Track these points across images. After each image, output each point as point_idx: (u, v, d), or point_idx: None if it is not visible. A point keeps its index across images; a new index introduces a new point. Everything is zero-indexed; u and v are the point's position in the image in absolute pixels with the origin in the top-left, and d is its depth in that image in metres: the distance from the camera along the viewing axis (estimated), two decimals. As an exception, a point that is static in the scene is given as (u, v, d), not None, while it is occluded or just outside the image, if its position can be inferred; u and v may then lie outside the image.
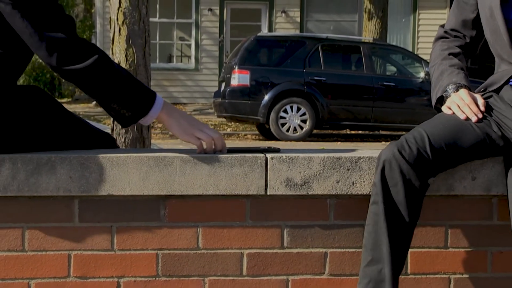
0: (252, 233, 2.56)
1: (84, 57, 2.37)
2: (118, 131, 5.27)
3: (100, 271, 2.52)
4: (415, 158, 2.41)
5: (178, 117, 2.54)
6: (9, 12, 2.34)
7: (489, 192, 2.60)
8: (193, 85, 21.06)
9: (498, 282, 2.64)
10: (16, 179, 2.44)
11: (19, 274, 2.49)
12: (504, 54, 2.59)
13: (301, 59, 15.15)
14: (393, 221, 2.40)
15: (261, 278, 2.58)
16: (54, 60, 2.36)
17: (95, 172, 2.47)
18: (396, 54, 16.45)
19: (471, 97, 2.57)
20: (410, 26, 21.81)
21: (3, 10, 2.34)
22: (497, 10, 2.56)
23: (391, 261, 2.39)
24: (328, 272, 2.60)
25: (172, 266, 2.54)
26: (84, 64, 2.37)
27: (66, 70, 2.39)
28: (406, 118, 14.66)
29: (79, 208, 2.50)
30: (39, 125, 2.54)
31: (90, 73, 2.39)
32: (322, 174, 2.54)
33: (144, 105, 2.46)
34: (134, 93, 2.47)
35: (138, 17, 5.30)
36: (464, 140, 2.50)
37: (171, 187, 2.50)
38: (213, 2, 21.03)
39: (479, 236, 2.64)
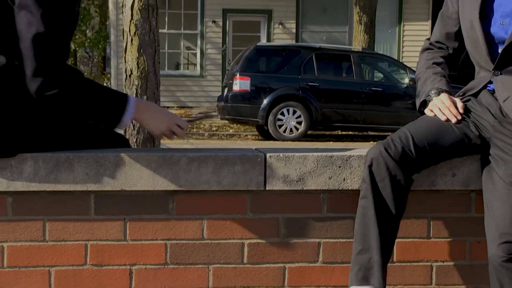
0: (252, 224, 2.56)
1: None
2: (130, 132, 5.28)
3: (114, 259, 2.52)
4: (400, 156, 2.42)
5: (152, 116, 2.60)
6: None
7: (467, 187, 2.60)
8: (199, 90, 21.05)
9: (475, 269, 2.64)
10: (37, 176, 2.44)
11: (40, 262, 2.49)
12: (482, 62, 2.60)
13: (297, 66, 15.16)
14: (381, 214, 2.40)
15: (261, 266, 2.58)
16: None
17: (109, 169, 2.47)
18: (383, 62, 16.45)
19: (451, 101, 2.58)
20: (396, 36, 21.81)
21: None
22: (476, 23, 2.56)
23: (380, 250, 2.39)
24: (322, 260, 2.60)
25: (180, 255, 2.54)
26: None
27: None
28: (392, 120, 14.66)
29: (95, 202, 2.50)
30: (57, 127, 2.54)
31: (61, 100, 2.42)
32: (316, 171, 2.54)
33: (115, 116, 2.48)
34: (105, 108, 2.49)
35: (148, 29, 5.30)
36: (445, 139, 2.50)
37: (179, 183, 2.50)
38: (216, 15, 21.02)
39: (459, 227, 2.64)
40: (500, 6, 2.55)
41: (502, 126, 2.51)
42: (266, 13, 21.25)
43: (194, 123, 17.63)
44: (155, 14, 5.34)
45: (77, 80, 2.44)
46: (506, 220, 2.37)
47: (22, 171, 2.43)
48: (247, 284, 2.57)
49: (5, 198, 2.45)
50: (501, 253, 2.35)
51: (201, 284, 2.56)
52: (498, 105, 2.54)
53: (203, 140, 15.28)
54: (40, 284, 2.49)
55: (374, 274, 2.39)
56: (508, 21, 2.53)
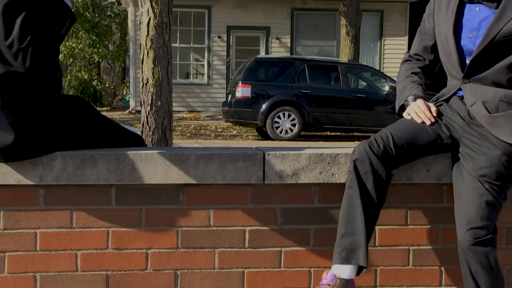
0: (253, 214, 2.56)
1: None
2: (147, 133, 5.28)
3: (132, 244, 2.52)
4: (382, 153, 2.42)
5: None
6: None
7: (440, 181, 2.60)
8: (206, 97, 21.04)
9: (447, 252, 2.64)
10: (66, 171, 2.44)
11: (68, 246, 2.49)
12: (454, 72, 2.60)
13: (291, 76, 15.14)
14: (364, 202, 2.40)
15: (260, 250, 2.57)
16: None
17: (128, 165, 2.47)
18: (366, 72, 16.41)
19: (426, 106, 2.58)
20: (377, 50, 21.79)
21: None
22: (450, 37, 2.56)
23: (363, 233, 2.39)
24: (313, 244, 2.60)
25: (189, 240, 2.54)
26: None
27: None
28: (374, 122, 14.64)
29: (116, 194, 2.49)
30: (83, 128, 2.54)
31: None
32: (308, 167, 2.54)
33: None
34: None
35: (162, 43, 5.30)
36: (420, 139, 2.50)
37: (188, 178, 2.50)
38: (221, 31, 21.00)
39: (432, 216, 2.64)
40: (469, 21, 2.55)
41: (469, 128, 2.51)
42: (264, 30, 21.24)
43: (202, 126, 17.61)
44: (168, 30, 5.34)
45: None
46: (473, 209, 2.37)
47: (52, 167, 2.43)
48: (248, 265, 2.57)
49: (38, 191, 2.45)
50: (468, 238, 2.36)
51: (208, 265, 2.56)
52: (466, 109, 2.53)
53: (210, 140, 15.27)
54: (68, 265, 2.49)
55: (357, 254, 2.38)
56: (475, 34, 2.53)
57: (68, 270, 2.49)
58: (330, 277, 2.38)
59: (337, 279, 2.37)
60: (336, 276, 2.38)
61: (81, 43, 26.18)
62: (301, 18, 21.41)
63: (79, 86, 26.88)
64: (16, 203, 2.45)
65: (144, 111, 5.35)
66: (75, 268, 2.49)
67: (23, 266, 2.46)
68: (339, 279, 2.37)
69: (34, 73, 2.33)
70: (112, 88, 29.56)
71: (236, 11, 20.93)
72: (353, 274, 2.39)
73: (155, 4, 5.27)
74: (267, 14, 21.08)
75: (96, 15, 27.62)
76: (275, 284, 2.59)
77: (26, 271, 2.47)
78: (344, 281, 2.37)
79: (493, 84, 2.51)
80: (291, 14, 21.30)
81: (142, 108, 5.42)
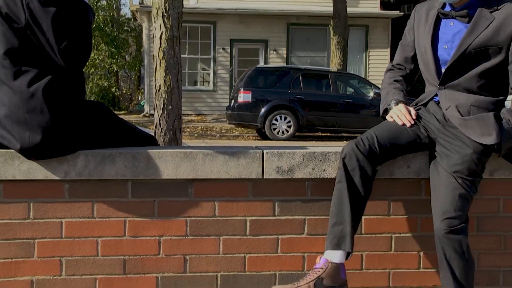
0: (253, 205, 2.56)
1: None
2: (159, 133, 5.28)
3: (146, 232, 2.52)
4: (367, 151, 2.42)
5: None
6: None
7: (418, 176, 2.60)
8: (212, 102, 21.03)
9: (424, 239, 2.63)
10: (87, 168, 2.44)
11: (90, 233, 2.49)
12: (431, 79, 2.59)
13: (287, 83, 15.13)
14: (352, 195, 2.40)
15: (259, 237, 2.57)
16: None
17: (143, 162, 2.47)
18: (353, 79, 16.40)
19: (406, 109, 2.58)
20: (363, 60, 21.78)
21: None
22: (428, 48, 2.57)
23: (351, 223, 2.39)
24: (306, 233, 2.60)
25: (197, 229, 2.54)
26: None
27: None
28: (361, 124, 14.62)
29: (131, 188, 2.49)
30: (103, 129, 2.53)
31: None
32: (302, 164, 2.54)
33: None
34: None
35: (173, 54, 5.30)
36: (401, 139, 2.50)
37: (196, 173, 2.49)
38: (225, 44, 20.99)
39: (412, 207, 2.64)
40: (444, 34, 2.56)
41: (445, 129, 2.51)
42: (263, 42, 21.23)
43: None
44: (178, 43, 5.34)
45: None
46: (447, 201, 2.37)
47: (76, 164, 2.43)
48: (249, 251, 2.57)
49: (63, 185, 2.45)
50: (443, 227, 2.36)
51: (213, 251, 2.55)
52: (442, 112, 2.53)
53: (215, 140, 15.26)
54: (90, 251, 2.49)
55: (345, 241, 2.39)
56: (449, 45, 2.53)
57: (90, 255, 2.49)
58: (323, 262, 2.38)
59: (329, 263, 2.37)
60: (328, 260, 2.38)
61: (102, 54, 26.20)
62: (295, 32, 21.40)
63: (99, 92, 26.89)
64: (44, 195, 2.44)
65: (157, 114, 5.35)
66: (96, 253, 2.49)
67: (50, 251, 2.46)
68: (331, 263, 2.38)
69: (77, 67, 2.36)
70: (128, 94, 29.55)
71: (238, 26, 20.93)
72: (343, 259, 2.40)
73: (166, 20, 5.27)
74: (266, 28, 21.08)
75: (115, 30, 27.66)
76: (273, 268, 2.58)
77: (53, 255, 2.47)
78: (335, 265, 2.38)
79: (465, 91, 2.51)
80: (287, 28, 21.29)
81: (155, 111, 5.42)
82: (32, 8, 2.24)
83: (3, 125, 2.34)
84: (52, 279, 2.47)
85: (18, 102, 2.30)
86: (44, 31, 2.26)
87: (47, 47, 2.29)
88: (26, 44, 2.30)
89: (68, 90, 2.38)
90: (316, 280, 2.35)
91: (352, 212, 2.39)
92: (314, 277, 2.36)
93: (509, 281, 2.69)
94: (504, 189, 2.66)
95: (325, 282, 2.36)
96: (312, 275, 2.38)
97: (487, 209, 2.66)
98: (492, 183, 2.64)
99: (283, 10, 20.86)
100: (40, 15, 2.24)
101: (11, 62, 2.31)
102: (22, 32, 2.29)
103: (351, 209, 2.39)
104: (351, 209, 2.39)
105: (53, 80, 2.33)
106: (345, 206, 2.40)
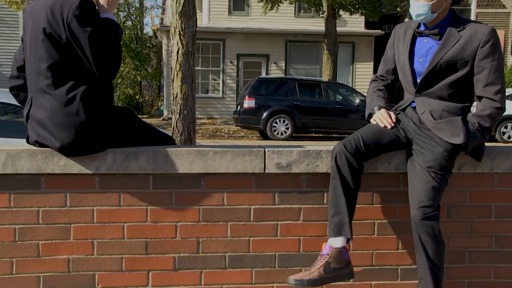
0: (256, 196, 2.55)
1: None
2: (176, 134, 5.26)
3: (165, 218, 2.52)
4: (354, 150, 2.41)
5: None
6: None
7: (398, 171, 2.59)
8: (221, 107, 21.01)
9: (402, 224, 2.62)
10: (115, 163, 2.44)
11: (117, 219, 2.49)
12: (409, 88, 2.59)
13: (285, 91, 15.12)
14: (345, 189, 2.40)
15: (261, 223, 2.57)
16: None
17: (162, 159, 2.47)
18: (342, 88, 16.35)
19: (388, 114, 2.57)
20: (350, 72, 21.74)
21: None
22: (406, 62, 2.56)
23: (347, 212, 2.40)
24: (302, 219, 2.59)
25: (208, 215, 2.54)
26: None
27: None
28: (348, 126, 14.60)
29: (152, 181, 2.49)
30: (128, 131, 2.53)
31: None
32: (298, 160, 2.54)
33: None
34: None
35: (187, 66, 5.29)
36: (383, 139, 2.50)
37: (207, 168, 2.49)
38: (232, 58, 20.98)
39: (392, 197, 2.63)
40: (419, 50, 2.55)
41: (420, 131, 2.50)
42: (265, 56, 21.22)
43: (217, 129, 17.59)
44: (192, 57, 5.33)
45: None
46: (422, 192, 2.36)
47: (105, 160, 2.43)
48: (253, 235, 2.57)
49: (95, 178, 2.45)
50: (418, 214, 2.35)
51: (222, 235, 2.55)
52: (418, 116, 2.53)
53: (224, 139, 15.26)
54: (117, 234, 2.49)
55: (345, 229, 2.39)
56: (424, 59, 2.52)
57: (117, 237, 2.49)
58: (328, 248, 2.40)
59: (333, 249, 2.39)
60: (332, 246, 2.40)
61: (127, 67, 26.23)
62: (293, 48, 21.38)
63: (125, 99, 26.87)
64: (78, 187, 2.45)
65: (174, 118, 5.35)
66: (122, 236, 2.49)
67: (83, 234, 2.47)
68: (335, 248, 2.39)
69: (109, 77, 2.37)
70: (150, 101, 29.52)
71: (244, 43, 20.91)
72: (344, 243, 2.41)
73: (182, 38, 5.26)
74: (267, 45, 21.06)
75: (139, 46, 27.68)
76: (273, 249, 2.58)
77: (86, 238, 2.47)
78: (338, 249, 2.40)
79: (438, 98, 2.51)
80: (285, 45, 21.27)
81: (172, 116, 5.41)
82: (72, 28, 2.27)
83: (45, 126, 2.35)
84: (86, 258, 2.47)
85: (58, 107, 2.31)
86: (82, 47, 2.28)
87: (84, 60, 2.31)
88: (66, 58, 2.32)
89: (99, 98, 2.39)
90: (325, 265, 2.37)
91: (347, 203, 2.40)
92: (323, 263, 2.37)
93: (473, 260, 2.68)
94: (470, 182, 2.65)
95: (332, 265, 2.37)
96: (321, 261, 2.38)
97: (455, 199, 2.65)
98: (460, 176, 2.63)
99: (282, 29, 20.84)
100: (78, 34, 2.27)
101: (53, 74, 2.33)
102: (63, 48, 2.31)
103: (346, 201, 2.39)
104: (346, 201, 2.39)
105: (87, 89, 2.34)
106: (340, 199, 2.40)
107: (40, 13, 2.33)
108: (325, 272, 2.35)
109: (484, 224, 2.67)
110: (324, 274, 2.35)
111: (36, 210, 2.43)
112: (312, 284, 2.34)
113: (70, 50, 2.31)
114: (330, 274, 2.36)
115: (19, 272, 2.44)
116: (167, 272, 2.52)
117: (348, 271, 2.41)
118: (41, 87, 2.35)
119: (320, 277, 2.34)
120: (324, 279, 2.36)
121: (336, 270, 2.37)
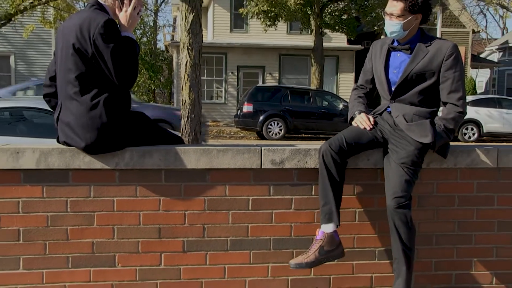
0: (254, 188, 2.55)
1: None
2: (185, 135, 5.27)
3: (175, 207, 2.52)
4: (338, 149, 2.41)
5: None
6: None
7: (376, 166, 2.59)
8: (223, 111, 20.98)
9: (380, 212, 2.63)
10: (132, 160, 2.44)
11: (134, 208, 2.49)
12: (385, 95, 2.59)
13: (279, 98, 15.09)
14: (332, 182, 2.40)
15: (258, 211, 2.57)
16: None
17: (173, 156, 2.47)
18: (328, 95, 16.31)
19: (367, 117, 2.57)
20: (335, 81, 21.73)
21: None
22: (382, 73, 2.56)
23: (335, 202, 2.40)
24: (293, 208, 2.59)
25: (213, 205, 2.54)
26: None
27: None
28: (333, 128, 14.60)
29: (164, 175, 2.49)
30: (143, 132, 2.54)
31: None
32: (290, 157, 2.54)
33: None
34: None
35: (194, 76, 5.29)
36: (363, 139, 2.50)
37: (212, 164, 2.49)
38: (233, 69, 20.94)
39: (370, 189, 2.63)
40: (393, 62, 2.55)
41: (395, 132, 2.51)
42: (261, 68, 21.19)
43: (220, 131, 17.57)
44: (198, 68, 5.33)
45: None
46: (396, 185, 2.37)
47: (124, 157, 2.43)
48: (251, 222, 2.57)
49: (115, 173, 2.45)
50: (393, 204, 2.36)
51: (225, 222, 2.55)
52: (393, 120, 2.53)
53: (226, 139, 15.24)
54: (134, 221, 2.49)
55: (334, 216, 2.40)
56: (397, 70, 2.53)
57: (134, 224, 2.49)
58: (321, 234, 2.42)
59: (325, 234, 2.40)
60: (324, 232, 2.40)
61: (143, 77, 26.23)
62: (285, 60, 21.35)
63: (141, 105, 26.79)
64: (101, 180, 2.45)
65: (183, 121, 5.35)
66: (138, 223, 2.49)
67: (105, 221, 2.47)
68: (327, 233, 2.40)
69: (128, 86, 2.36)
70: (162, 106, 29.45)
71: (243, 56, 20.89)
72: (334, 228, 2.42)
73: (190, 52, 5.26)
74: (263, 58, 21.03)
75: (153, 59, 27.67)
76: (269, 234, 2.58)
77: (108, 224, 2.47)
78: (330, 233, 2.40)
79: (410, 104, 2.51)
80: (279, 58, 21.24)
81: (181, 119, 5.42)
82: (97, 44, 2.28)
83: (72, 128, 2.36)
84: (107, 241, 2.47)
85: (83, 111, 2.32)
86: (105, 60, 2.29)
87: (106, 71, 2.32)
88: (91, 70, 2.33)
89: (119, 103, 2.39)
90: (319, 249, 2.39)
91: (334, 194, 2.40)
92: (317, 246, 2.39)
93: (439, 242, 2.69)
94: (437, 176, 2.66)
95: (326, 248, 2.39)
96: (316, 245, 2.40)
97: (425, 190, 2.66)
98: (428, 171, 2.64)
99: (276, 44, 20.83)
100: (102, 49, 2.28)
101: (80, 83, 2.34)
102: (89, 61, 2.32)
103: (333, 192, 2.40)
104: (333, 192, 2.40)
105: (109, 96, 2.35)
106: (328, 191, 2.40)
107: (70, 31, 2.35)
108: (320, 254, 2.38)
109: (448, 212, 2.68)
110: (319, 256, 2.38)
111: (65, 200, 2.43)
112: (310, 266, 2.39)
113: (95, 63, 2.32)
114: (324, 256, 2.39)
115: (51, 253, 2.44)
116: (177, 253, 2.52)
117: (339, 251, 2.43)
118: (69, 94, 2.36)
119: (316, 259, 2.39)
120: (319, 260, 2.39)
121: (329, 252, 2.40)
